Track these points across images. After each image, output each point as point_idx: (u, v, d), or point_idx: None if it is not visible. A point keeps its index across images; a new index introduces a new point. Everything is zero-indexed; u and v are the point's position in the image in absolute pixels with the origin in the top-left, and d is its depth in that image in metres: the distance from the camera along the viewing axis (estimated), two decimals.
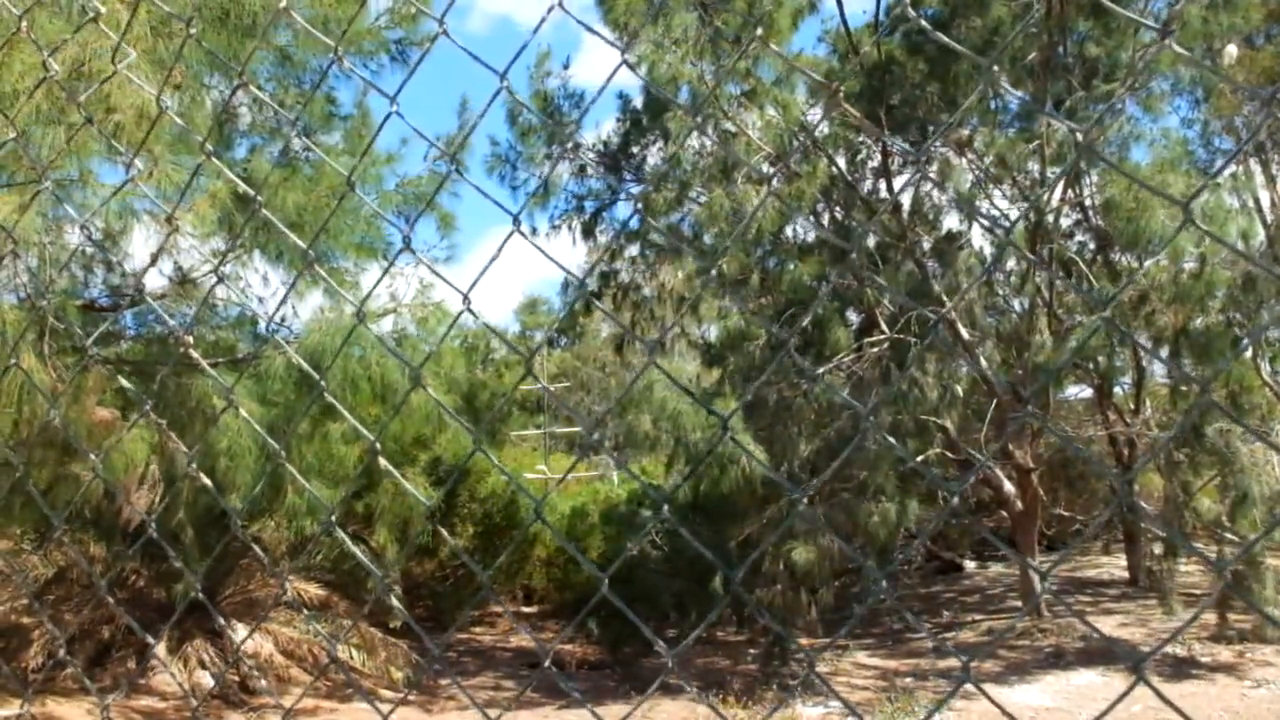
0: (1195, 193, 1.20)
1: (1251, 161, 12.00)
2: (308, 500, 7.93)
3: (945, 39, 1.40)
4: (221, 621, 10.25)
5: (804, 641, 11.19)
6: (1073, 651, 11.27)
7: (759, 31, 1.63)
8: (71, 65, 5.66)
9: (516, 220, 1.76)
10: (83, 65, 5.69)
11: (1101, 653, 10.99)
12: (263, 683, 10.19)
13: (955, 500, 1.22)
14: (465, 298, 1.68)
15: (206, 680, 10.20)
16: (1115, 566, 15.54)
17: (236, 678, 10.47)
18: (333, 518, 1.75)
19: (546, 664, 1.53)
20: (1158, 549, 12.51)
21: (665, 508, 1.52)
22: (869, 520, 11.18)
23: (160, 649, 9.94)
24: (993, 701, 1.27)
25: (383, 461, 1.78)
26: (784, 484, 1.45)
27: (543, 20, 1.64)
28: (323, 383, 1.72)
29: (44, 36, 5.44)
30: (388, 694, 10.75)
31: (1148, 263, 9.98)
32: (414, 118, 1.72)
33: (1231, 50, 10.74)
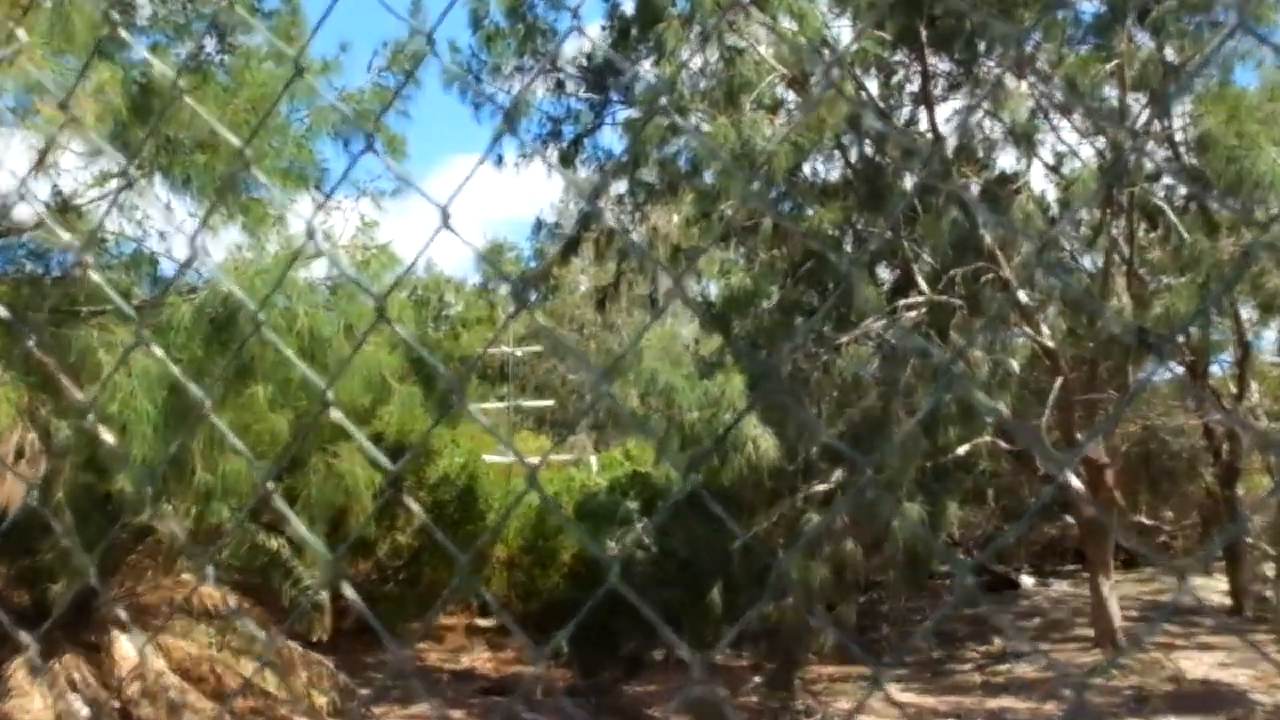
0: None
1: None
2: (222, 478, 7.81)
3: None
4: (123, 630, 10.14)
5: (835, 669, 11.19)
6: (1160, 695, 11.04)
7: None
8: None
9: (511, 120, 1.72)
10: None
11: (1198, 697, 10.77)
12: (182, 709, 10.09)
13: (1062, 476, 1.19)
14: (443, 211, 1.63)
15: (78, 706, 9.98)
16: (1214, 590, 14.92)
17: (118, 704, 10.29)
18: (271, 485, 1.70)
19: (538, 694, 1.50)
20: (1269, 569, 12.29)
21: (693, 475, 1.49)
22: (896, 520, 11.19)
23: (20, 668, 9.74)
24: None
25: (335, 414, 1.73)
26: (859, 459, 1.41)
27: None
28: (261, 316, 1.67)
29: None
30: None
31: None
32: (351, 23, 1.67)
33: None
